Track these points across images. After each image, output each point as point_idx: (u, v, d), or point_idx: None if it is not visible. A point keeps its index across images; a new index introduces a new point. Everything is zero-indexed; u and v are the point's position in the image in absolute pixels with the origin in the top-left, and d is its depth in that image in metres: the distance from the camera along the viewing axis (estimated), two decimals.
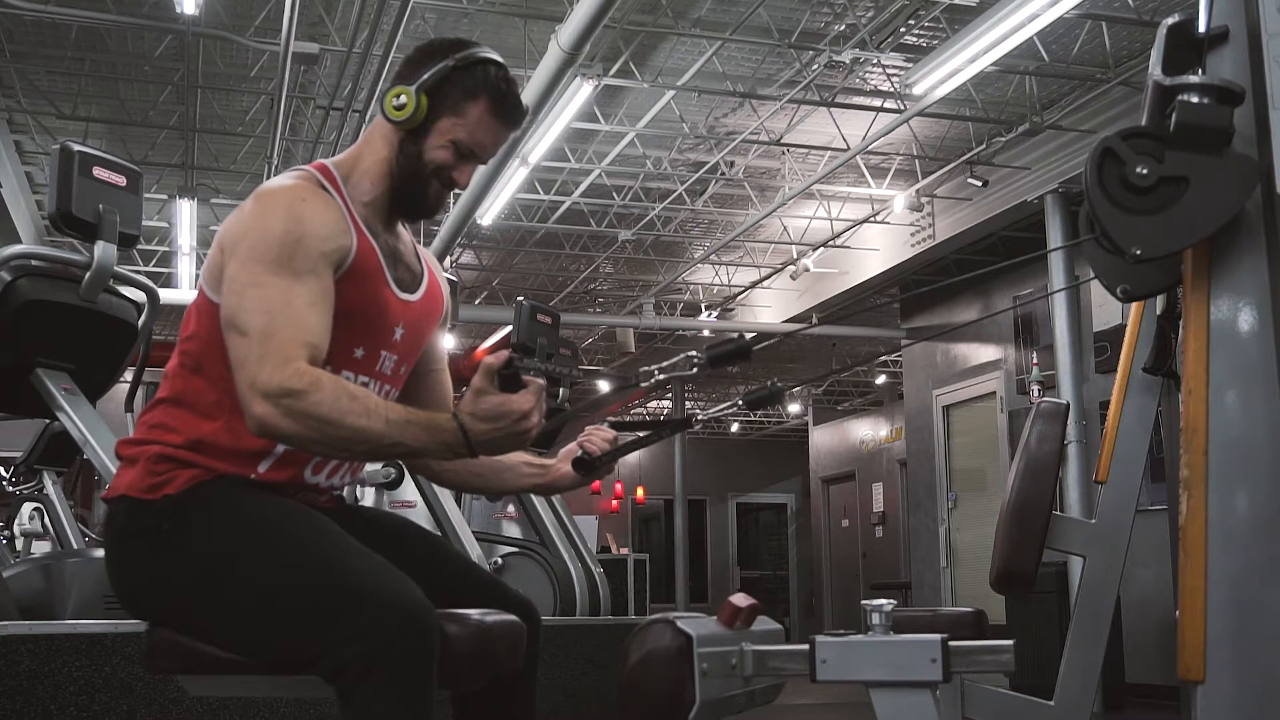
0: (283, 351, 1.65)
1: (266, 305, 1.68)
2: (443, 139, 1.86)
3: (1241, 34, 1.68)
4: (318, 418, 1.62)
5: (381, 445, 1.66)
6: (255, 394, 1.63)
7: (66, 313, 3.36)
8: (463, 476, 2.05)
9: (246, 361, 1.65)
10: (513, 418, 1.65)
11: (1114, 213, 1.66)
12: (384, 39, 6.41)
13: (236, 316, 1.69)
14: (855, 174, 9.21)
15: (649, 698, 1.38)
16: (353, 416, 1.63)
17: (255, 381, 1.63)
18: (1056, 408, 2.34)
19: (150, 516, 1.75)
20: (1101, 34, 6.97)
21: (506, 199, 8.88)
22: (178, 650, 1.74)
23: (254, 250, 1.71)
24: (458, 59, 1.85)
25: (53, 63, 7.58)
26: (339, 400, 1.63)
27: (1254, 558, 1.58)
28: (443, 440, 1.66)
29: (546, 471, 2.02)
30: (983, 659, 1.48)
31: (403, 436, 1.65)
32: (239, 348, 1.67)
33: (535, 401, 1.66)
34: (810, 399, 16.96)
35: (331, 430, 1.63)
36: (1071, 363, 7.65)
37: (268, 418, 1.63)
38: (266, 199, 1.78)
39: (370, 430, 1.64)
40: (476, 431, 1.65)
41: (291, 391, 1.62)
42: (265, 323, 1.66)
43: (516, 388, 1.66)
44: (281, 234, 1.72)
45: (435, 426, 1.66)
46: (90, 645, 2.82)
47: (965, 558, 9.99)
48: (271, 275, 1.70)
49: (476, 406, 1.65)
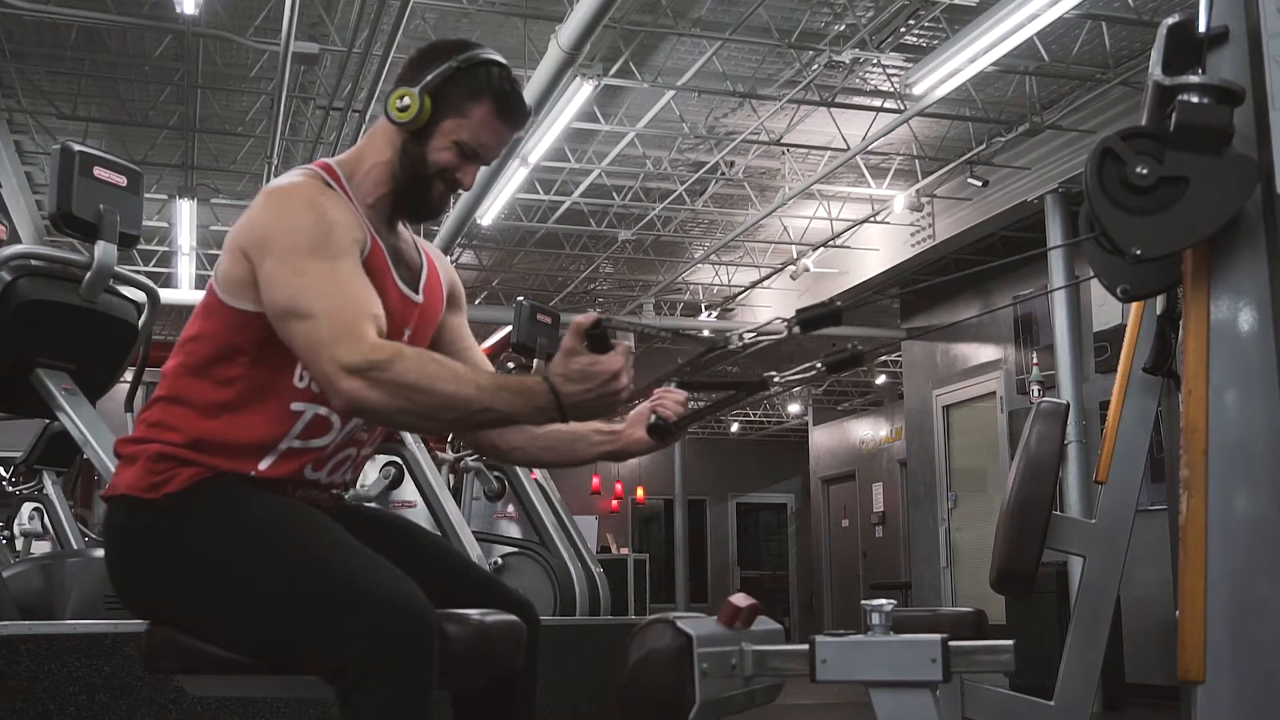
0: (354, 327, 1.65)
1: (319, 288, 1.67)
2: (446, 140, 1.86)
3: (1241, 34, 1.68)
4: (407, 385, 1.61)
5: (471, 410, 1.64)
6: (340, 371, 1.62)
7: (66, 313, 3.36)
8: (531, 453, 2.03)
9: (321, 343, 1.64)
10: (603, 378, 1.62)
11: (1114, 213, 1.66)
12: (384, 39, 6.41)
13: (294, 305, 1.68)
14: (855, 174, 9.21)
15: (649, 698, 1.38)
16: (442, 383, 1.62)
17: (337, 359, 1.62)
18: (1056, 408, 2.34)
19: (150, 515, 1.74)
20: (1101, 34, 6.97)
21: (506, 199, 8.88)
22: (178, 650, 1.74)
23: (288, 243, 1.71)
24: (461, 60, 1.85)
25: (53, 63, 7.58)
26: (425, 367, 1.63)
27: (1254, 558, 1.58)
28: (534, 404, 1.63)
29: (618, 437, 1.98)
30: (983, 659, 1.48)
31: (494, 401, 1.63)
32: (307, 333, 1.66)
33: (624, 362, 1.63)
34: (810, 399, 16.96)
35: (421, 397, 1.61)
36: (1071, 363, 7.65)
37: (356, 392, 1.61)
38: (282, 196, 1.78)
39: (461, 395, 1.62)
40: (568, 393, 1.62)
41: (376, 363, 1.61)
42: (325, 304, 1.66)
43: (605, 348, 1.64)
44: (310, 224, 1.73)
45: (526, 390, 1.63)
46: (90, 645, 2.82)
47: (965, 558, 9.99)
48: (312, 262, 1.70)
49: (567, 368, 1.63)
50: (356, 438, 1.89)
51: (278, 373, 1.78)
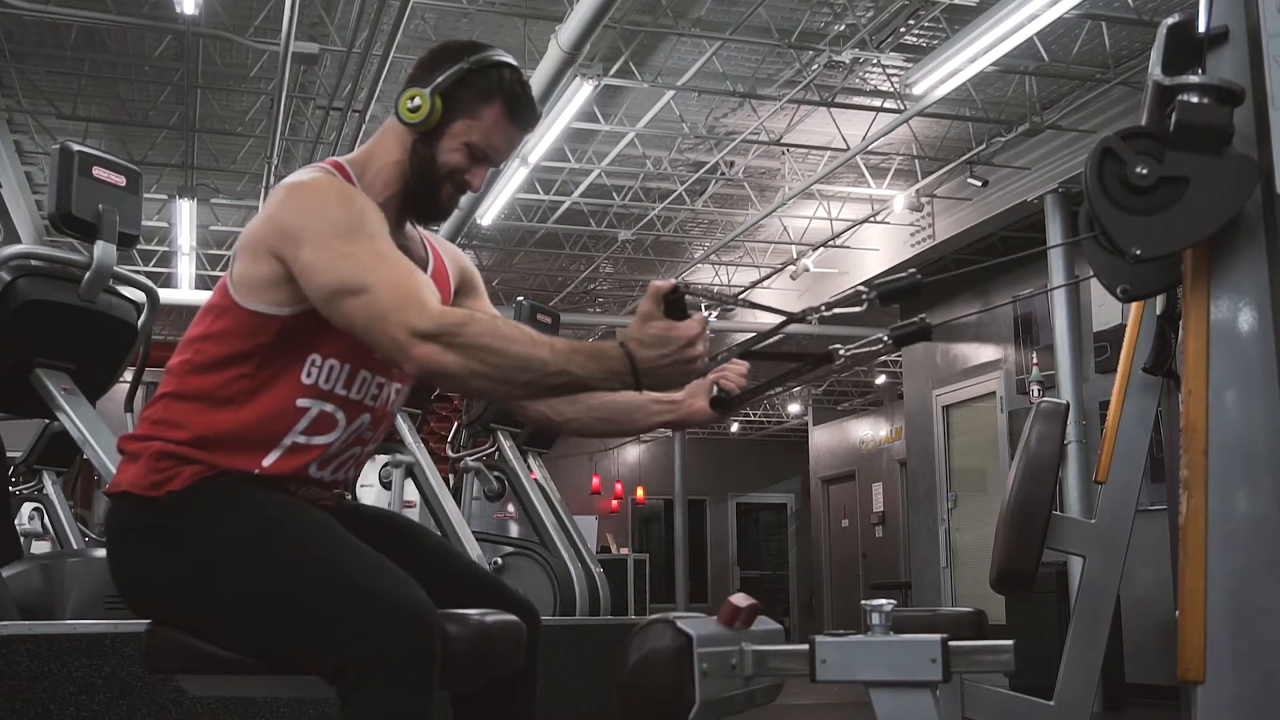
0: (417, 294, 1.65)
1: (369, 264, 1.67)
2: (457, 141, 1.85)
3: (1241, 34, 1.68)
4: (480, 347, 1.60)
5: (546, 372, 1.62)
6: (412, 338, 1.61)
7: (66, 313, 3.36)
8: (587, 424, 2.02)
9: (385, 313, 1.63)
10: (679, 343, 1.60)
11: (1114, 213, 1.66)
12: (384, 39, 6.41)
13: (345, 283, 1.66)
14: (855, 174, 9.21)
15: (649, 698, 1.38)
16: (516, 345, 1.61)
17: (408, 324, 1.61)
18: (1056, 408, 2.34)
19: (153, 513, 1.74)
20: (1101, 34, 6.97)
21: (506, 199, 8.89)
22: (178, 650, 1.74)
23: (324, 230, 1.71)
24: (473, 62, 1.85)
25: (53, 63, 7.58)
26: (498, 329, 1.62)
27: (1254, 558, 1.58)
28: (609, 367, 1.61)
29: (678, 406, 1.97)
30: (983, 659, 1.48)
31: (568, 364, 1.61)
32: (367, 306, 1.65)
33: (701, 330, 1.62)
34: (810, 399, 16.96)
35: (496, 359, 1.60)
36: (1071, 363, 7.65)
37: (432, 356, 1.61)
38: (308, 188, 1.78)
39: (536, 357, 1.61)
40: (643, 358, 1.60)
41: (448, 327, 1.61)
42: (381, 276, 1.66)
43: (682, 315, 1.62)
44: (342, 211, 1.73)
45: (601, 353, 1.62)
46: (90, 645, 2.82)
47: (965, 558, 9.98)
48: (354, 243, 1.69)
49: (643, 332, 1.61)
50: (362, 437, 1.89)
51: (286, 369, 1.78)
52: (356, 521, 1.88)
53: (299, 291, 1.73)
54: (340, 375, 1.81)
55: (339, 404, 1.82)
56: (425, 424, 11.11)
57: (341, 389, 1.82)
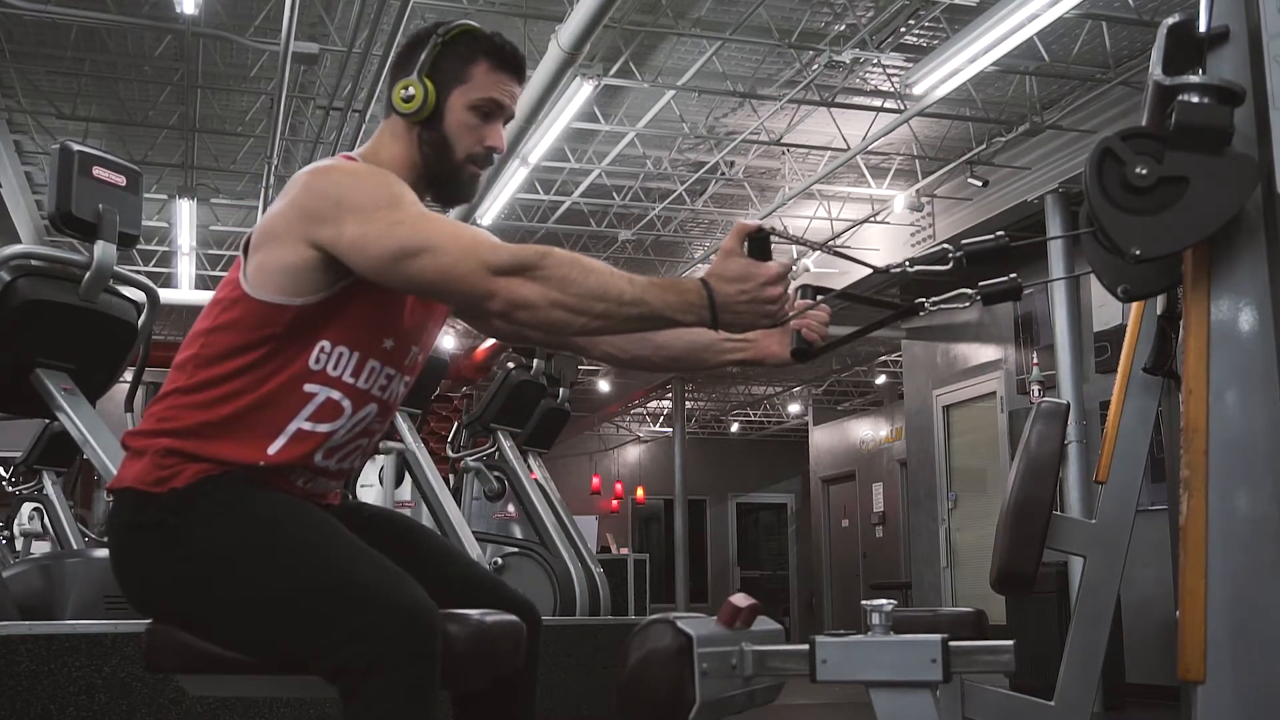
0: (482, 238, 1.67)
1: (424, 225, 1.68)
2: (459, 110, 1.86)
3: (1242, 34, 1.68)
4: (559, 278, 1.61)
5: (623, 302, 1.61)
6: (490, 274, 1.62)
7: (66, 313, 3.36)
8: (656, 361, 2.04)
9: (458, 260, 1.64)
10: (760, 280, 1.59)
11: (1114, 213, 1.66)
12: (384, 39, 6.41)
13: (405, 247, 1.66)
14: (855, 174, 9.21)
15: (649, 698, 1.38)
16: (595, 275, 1.61)
17: (484, 261, 1.62)
18: (1057, 408, 2.34)
19: (156, 510, 1.74)
20: (1101, 34, 6.97)
21: (506, 199, 8.88)
22: (177, 649, 1.74)
23: (368, 202, 1.71)
24: (442, 34, 1.88)
25: (53, 63, 7.57)
26: (578, 259, 1.63)
27: (1254, 558, 1.58)
28: (687, 300, 1.61)
29: (751, 345, 1.97)
30: (983, 659, 1.48)
31: (646, 295, 1.61)
32: (434, 259, 1.65)
33: (782, 271, 1.61)
34: (810, 399, 16.95)
35: (576, 289, 1.60)
36: (1071, 363, 7.65)
37: (512, 288, 1.61)
38: (335, 172, 1.79)
39: (614, 286, 1.61)
40: (722, 293, 1.59)
41: (527, 259, 1.62)
42: (439, 232, 1.66)
43: (766, 256, 1.61)
44: (379, 185, 1.74)
45: (679, 287, 1.62)
46: (90, 645, 2.82)
47: (965, 558, 9.98)
48: (400, 211, 1.70)
49: (724, 267, 1.61)
50: (369, 428, 1.89)
51: (295, 358, 1.78)
52: (358, 521, 1.88)
53: (319, 280, 1.73)
54: (349, 363, 1.81)
55: (346, 391, 1.81)
56: (425, 424, 11.11)
57: (349, 377, 1.81)
